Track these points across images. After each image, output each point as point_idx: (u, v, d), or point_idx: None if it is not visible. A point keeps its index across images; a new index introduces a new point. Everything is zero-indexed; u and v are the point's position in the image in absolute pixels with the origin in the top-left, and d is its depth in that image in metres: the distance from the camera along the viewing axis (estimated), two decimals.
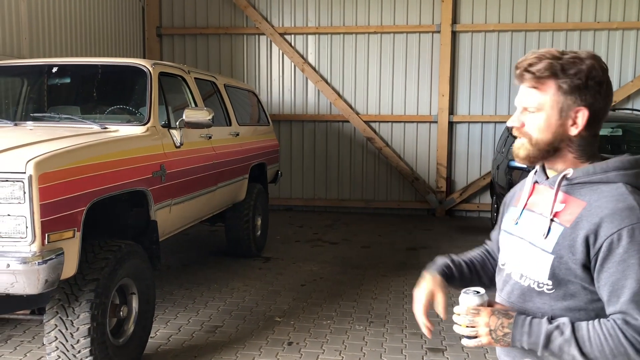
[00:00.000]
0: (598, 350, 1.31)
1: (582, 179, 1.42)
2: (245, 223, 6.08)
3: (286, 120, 9.35)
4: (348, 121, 9.17)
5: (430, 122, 9.01)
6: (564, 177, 1.44)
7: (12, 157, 2.91)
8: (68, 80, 4.89)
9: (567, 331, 1.34)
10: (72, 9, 7.22)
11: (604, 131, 5.86)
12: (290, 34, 9.17)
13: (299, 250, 6.78)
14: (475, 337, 1.47)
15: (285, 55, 9.21)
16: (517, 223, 1.55)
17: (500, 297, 1.57)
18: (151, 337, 3.97)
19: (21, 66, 4.82)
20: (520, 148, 1.48)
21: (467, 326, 1.47)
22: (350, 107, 9.15)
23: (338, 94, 9.16)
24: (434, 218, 9.02)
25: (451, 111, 8.92)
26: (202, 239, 7.33)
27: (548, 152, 1.45)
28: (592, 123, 1.42)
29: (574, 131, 1.42)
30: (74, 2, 7.25)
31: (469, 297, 1.48)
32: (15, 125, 4.03)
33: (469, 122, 8.96)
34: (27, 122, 4.17)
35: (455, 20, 8.76)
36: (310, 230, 7.97)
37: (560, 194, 1.44)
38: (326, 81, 9.16)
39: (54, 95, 4.83)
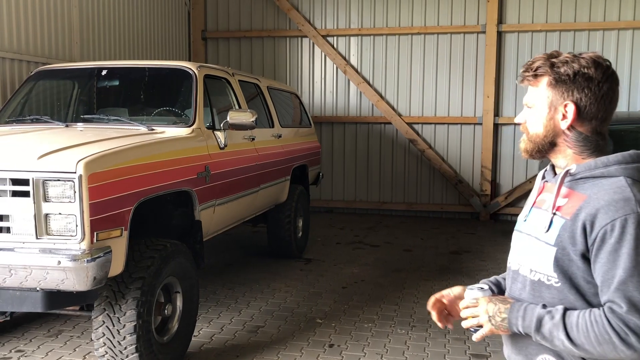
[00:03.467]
0: (584, 336, 1.34)
1: (584, 173, 1.46)
2: (287, 224, 6.11)
3: (328, 122, 9.36)
4: (390, 123, 9.10)
5: (475, 123, 8.85)
6: (567, 172, 1.49)
7: (63, 158, 3.01)
8: (116, 83, 5.02)
9: (557, 316, 1.39)
10: (121, 14, 7.42)
11: None
12: (332, 35, 9.17)
13: (340, 253, 6.76)
14: (480, 327, 1.54)
15: (327, 57, 9.22)
16: (525, 220, 1.61)
17: (509, 295, 1.60)
18: (194, 336, 4.03)
19: (72, 69, 4.97)
20: (522, 142, 1.58)
21: (471, 317, 1.56)
22: (393, 108, 9.08)
23: (380, 95, 9.10)
24: (478, 222, 8.85)
25: (496, 113, 8.74)
26: (245, 240, 7.40)
27: (544, 146, 1.52)
28: (584, 119, 1.46)
29: (564, 125, 1.48)
30: (122, 8, 7.46)
31: (473, 292, 1.59)
32: (67, 126, 4.16)
33: (515, 125, 8.75)
34: (78, 124, 4.30)
35: (500, 20, 8.58)
36: (351, 232, 7.94)
37: (565, 189, 1.48)
38: (368, 83, 9.13)
39: (103, 98, 4.97)
